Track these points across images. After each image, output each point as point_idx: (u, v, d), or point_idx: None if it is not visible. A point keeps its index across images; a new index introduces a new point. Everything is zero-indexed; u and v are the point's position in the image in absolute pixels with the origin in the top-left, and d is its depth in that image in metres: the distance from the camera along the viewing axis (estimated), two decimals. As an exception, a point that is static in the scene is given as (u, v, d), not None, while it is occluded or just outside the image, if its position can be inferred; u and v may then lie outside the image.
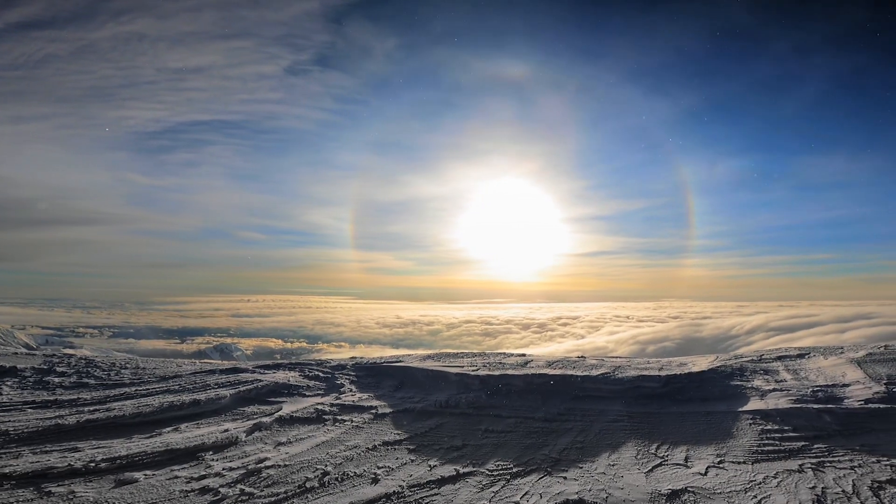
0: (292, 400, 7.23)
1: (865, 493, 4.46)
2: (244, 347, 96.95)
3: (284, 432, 6.02)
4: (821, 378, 7.72)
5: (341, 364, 9.39)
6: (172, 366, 9.05)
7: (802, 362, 8.74)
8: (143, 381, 7.65)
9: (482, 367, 8.55)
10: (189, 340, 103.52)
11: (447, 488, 4.74)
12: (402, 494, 4.56)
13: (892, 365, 8.07)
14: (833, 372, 7.95)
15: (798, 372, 8.17)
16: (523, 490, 4.72)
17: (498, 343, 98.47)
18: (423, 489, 4.69)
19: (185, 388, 7.29)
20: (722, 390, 7.54)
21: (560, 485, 4.83)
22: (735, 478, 4.91)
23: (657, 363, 9.03)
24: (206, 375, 8.02)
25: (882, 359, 8.44)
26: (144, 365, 8.86)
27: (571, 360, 9.14)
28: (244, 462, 5.07)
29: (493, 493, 4.65)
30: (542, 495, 4.60)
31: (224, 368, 8.59)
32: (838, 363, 8.32)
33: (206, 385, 7.42)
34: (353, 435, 6.08)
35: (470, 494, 4.63)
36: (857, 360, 8.36)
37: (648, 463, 5.35)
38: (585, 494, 4.58)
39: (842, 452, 5.41)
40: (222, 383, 7.55)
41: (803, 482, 4.74)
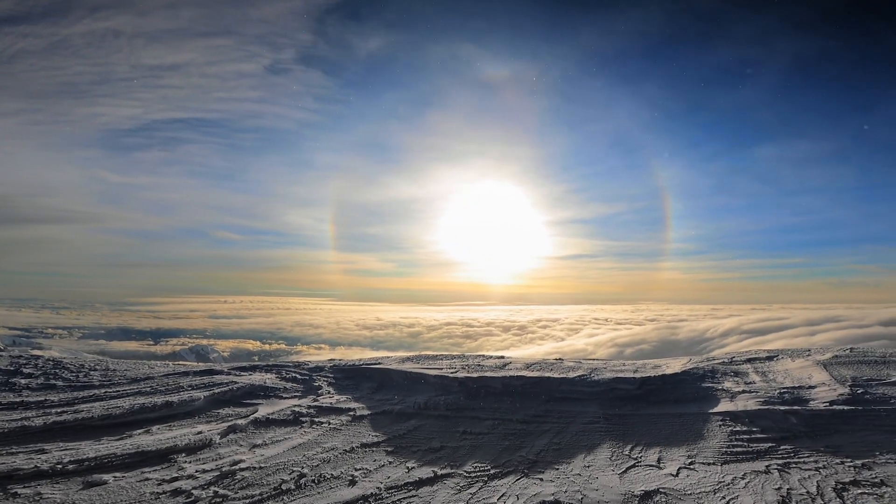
0: (269, 402, 7.14)
1: (829, 495, 4.54)
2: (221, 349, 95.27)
3: (260, 434, 5.94)
4: (788, 380, 7.95)
5: (319, 366, 9.31)
6: (144, 367, 8.84)
7: (771, 364, 9.00)
8: (113, 382, 7.46)
9: (461, 369, 8.58)
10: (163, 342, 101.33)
11: (425, 490, 4.74)
12: (379, 496, 4.55)
13: (856, 367, 8.37)
14: (800, 374, 8.20)
15: (767, 374, 8.40)
16: (500, 491, 4.75)
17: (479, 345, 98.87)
18: (400, 491, 4.69)
19: (156, 389, 7.13)
20: (694, 392, 7.72)
21: (536, 486, 4.87)
22: (705, 479, 5.00)
23: (632, 365, 9.19)
24: (180, 377, 7.86)
25: (847, 361, 8.74)
26: (115, 366, 8.63)
27: (549, 362, 9.24)
28: (218, 464, 4.99)
29: (470, 495, 4.66)
30: (518, 496, 4.63)
31: (198, 370, 8.43)
32: (805, 365, 8.58)
33: (179, 387, 7.27)
34: (331, 437, 6.03)
35: (447, 496, 4.63)
36: (823, 362, 8.64)
37: (622, 464, 5.43)
38: (561, 496, 4.62)
39: (807, 454, 5.54)
40: (196, 385, 7.41)
41: (770, 483, 4.83)
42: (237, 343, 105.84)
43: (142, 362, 9.66)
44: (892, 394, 7.06)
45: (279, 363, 9.56)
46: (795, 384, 7.66)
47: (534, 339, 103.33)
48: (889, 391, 7.15)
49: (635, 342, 77.08)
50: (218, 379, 7.86)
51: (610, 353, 69.23)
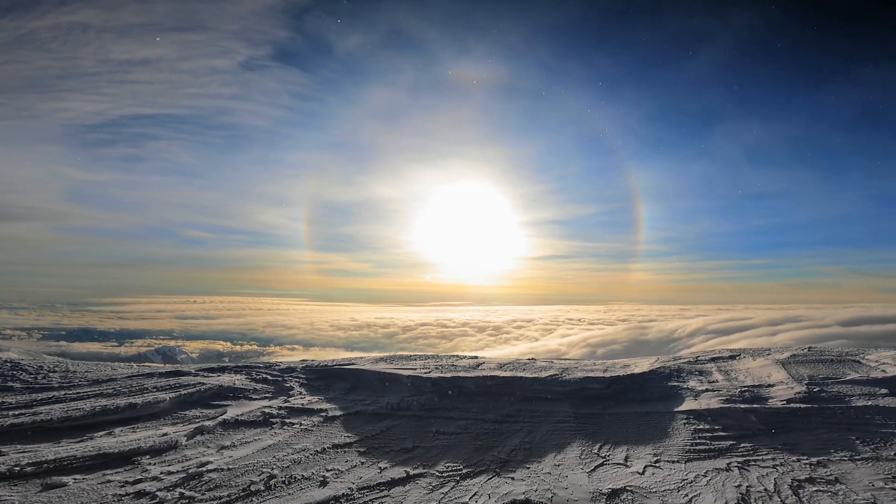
0: (238, 403, 7.00)
1: (786, 492, 4.67)
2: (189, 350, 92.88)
3: (229, 436, 5.82)
4: (749, 379, 8.25)
5: (291, 367, 9.18)
6: (107, 369, 8.54)
7: (733, 363, 9.33)
8: (74, 384, 7.18)
9: (434, 369, 8.60)
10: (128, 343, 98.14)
11: (397, 490, 4.74)
12: (351, 496, 4.52)
13: (813, 366, 8.76)
14: (760, 373, 8.53)
15: (729, 373, 8.71)
16: (472, 491, 4.78)
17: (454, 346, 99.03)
18: (372, 491, 4.67)
19: (119, 391, 6.90)
20: (660, 391, 7.93)
21: (508, 485, 4.92)
22: (669, 476, 5.13)
23: (602, 365, 9.39)
24: (144, 379, 7.62)
25: (804, 360, 9.14)
26: (75, 368, 8.31)
27: (522, 362, 9.35)
28: (184, 466, 4.87)
29: (442, 495, 4.69)
30: (490, 496, 4.67)
31: (163, 371, 8.19)
32: (765, 364, 8.93)
33: (144, 388, 7.05)
34: (302, 438, 5.96)
35: (420, 496, 4.64)
36: (782, 361, 9.01)
37: (591, 463, 5.53)
38: (532, 494, 4.69)
39: (765, 451, 5.72)
40: (161, 387, 7.20)
41: (730, 481, 4.97)
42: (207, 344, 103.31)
43: (104, 364, 9.34)
44: (847, 392, 7.41)
45: (249, 364, 9.38)
46: (756, 383, 7.96)
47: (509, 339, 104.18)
48: (844, 389, 7.50)
49: (607, 342, 78.56)
50: (185, 380, 7.65)
51: (583, 353, 70.34)
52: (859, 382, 7.78)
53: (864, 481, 4.83)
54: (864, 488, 4.68)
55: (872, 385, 7.64)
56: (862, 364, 8.86)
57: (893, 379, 7.81)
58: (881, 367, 8.61)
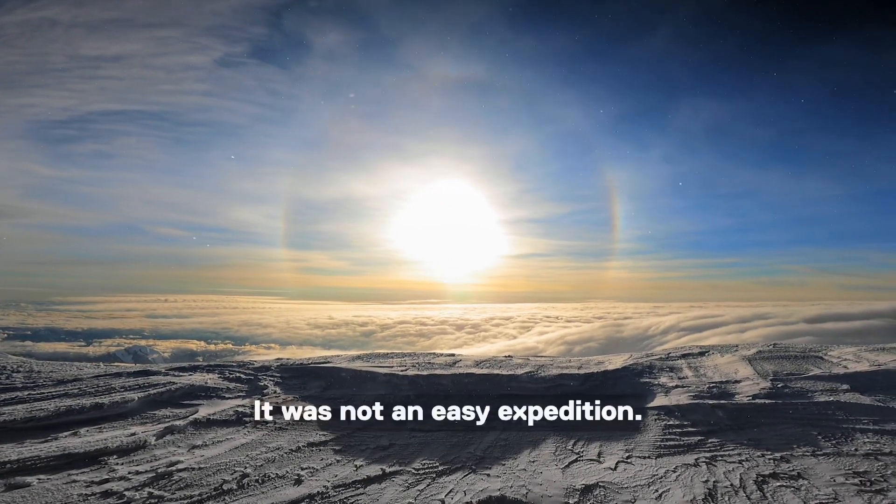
0: (210, 402, 6.88)
1: (751, 487, 4.77)
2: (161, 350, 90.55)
3: (200, 435, 5.72)
4: (717, 375, 8.48)
5: (265, 365, 9.05)
6: (72, 369, 8.28)
7: (703, 360, 9.58)
8: (38, 384, 6.94)
9: (411, 367, 8.60)
10: (96, 343, 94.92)
11: (373, 488, 4.74)
12: (326, 494, 4.51)
13: (778, 362, 9.04)
14: (727, 369, 8.78)
15: (698, 369, 8.93)
16: (448, 488, 4.81)
17: (432, 344, 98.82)
18: (348, 489, 4.66)
19: (85, 391, 6.69)
20: (633, 387, 8.09)
21: (483, 482, 4.96)
22: (640, 472, 5.23)
23: (577, 362, 9.53)
24: (112, 378, 7.41)
25: (770, 356, 9.43)
26: (40, 368, 8.03)
27: (498, 359, 9.43)
28: (153, 466, 4.79)
29: (418, 492, 4.70)
30: (465, 492, 4.70)
31: (132, 371, 7.98)
32: (732, 360, 9.20)
33: (111, 388, 6.86)
34: (276, 436, 5.90)
35: (395, 493, 4.65)
36: (749, 357, 9.29)
37: (565, 459, 5.61)
38: (507, 491, 4.74)
39: (732, 447, 5.85)
40: (130, 386, 7.01)
41: (698, 476, 5.07)
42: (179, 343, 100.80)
43: (70, 364, 9.05)
44: (810, 388, 7.66)
45: (222, 363, 9.22)
46: (723, 379, 8.18)
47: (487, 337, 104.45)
48: (806, 385, 7.76)
49: (583, 340, 79.35)
50: (154, 380, 7.48)
51: (560, 350, 70.91)
52: (822, 378, 8.05)
53: (826, 476, 4.95)
54: (825, 483, 4.80)
55: (834, 381, 7.90)
56: (824, 360, 9.18)
57: (854, 375, 8.09)
58: (843, 363, 8.93)
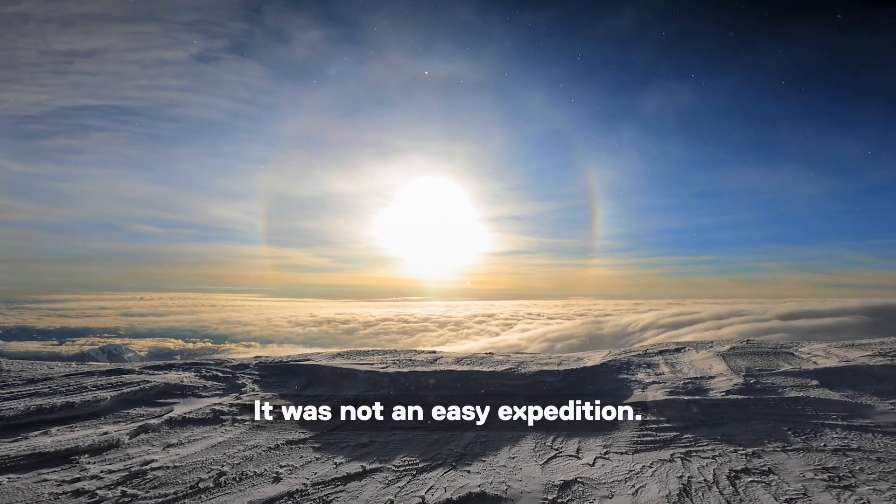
0: (186, 401, 6.76)
1: (724, 483, 4.85)
2: (137, 349, 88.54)
3: (175, 434, 5.62)
4: (692, 371, 8.66)
5: (244, 363, 8.94)
6: (43, 368, 8.06)
7: (679, 356, 9.77)
8: (7, 384, 6.74)
9: (392, 364, 8.59)
10: (69, 342, 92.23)
11: (353, 485, 4.71)
12: (305, 492, 4.47)
13: (750, 358, 9.27)
14: (702, 365, 8.97)
15: (675, 365, 9.11)
16: (428, 484, 4.81)
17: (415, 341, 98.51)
18: (327, 486, 4.63)
19: (56, 390, 6.52)
20: (611, 383, 8.21)
21: (464, 478, 4.97)
22: (618, 468, 5.29)
23: (557, 358, 9.63)
24: (83, 377, 7.24)
25: (743, 352, 9.67)
26: (9, 367, 7.81)
27: (479, 356, 9.47)
28: (126, 464, 4.70)
29: (398, 489, 4.69)
30: (446, 489, 4.71)
31: (104, 370, 7.80)
32: (707, 357, 9.40)
33: (82, 387, 6.70)
34: (254, 435, 5.83)
35: (376, 490, 4.63)
36: (723, 353, 9.51)
37: (545, 455, 5.66)
38: (487, 487, 4.75)
39: (705, 442, 5.96)
40: (102, 385, 6.85)
41: (673, 471, 5.15)
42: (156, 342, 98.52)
43: (41, 363, 8.80)
44: (780, 383, 7.88)
45: (199, 361, 9.07)
46: (698, 375, 8.35)
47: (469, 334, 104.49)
48: (777, 381, 7.97)
49: (565, 337, 79.88)
50: (127, 378, 7.32)
51: (542, 347, 71.26)
52: (792, 374, 8.28)
53: (796, 472, 5.06)
54: (795, 479, 4.90)
55: (804, 377, 8.14)
56: (795, 356, 9.45)
57: (824, 371, 8.34)
58: (813, 358, 9.20)
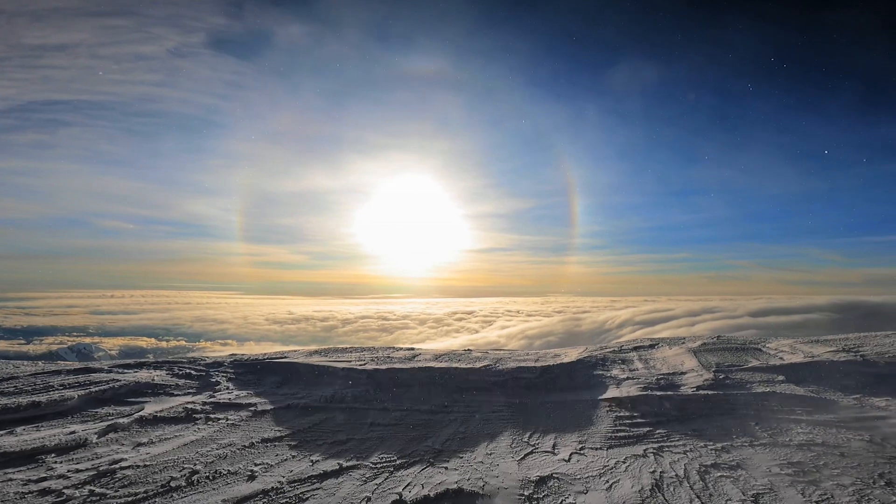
0: (157, 400, 6.61)
1: (694, 477, 4.94)
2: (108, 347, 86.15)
3: (146, 433, 5.49)
4: (665, 367, 8.84)
5: (218, 361, 8.77)
6: (8, 367, 7.78)
7: (653, 352, 9.96)
8: (-31, 383, 6.48)
9: (370, 361, 8.55)
10: (37, 341, 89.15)
11: (329, 482, 4.67)
12: (280, 490, 4.41)
13: (721, 354, 9.52)
14: (675, 361, 9.17)
15: (648, 361, 9.29)
16: (406, 481, 4.80)
17: (394, 338, 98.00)
18: (304, 484, 4.58)
19: (21, 389, 6.30)
20: (587, 379, 8.33)
21: (441, 475, 4.98)
22: (592, 463, 5.36)
23: (535, 355, 9.72)
24: (50, 376, 7.01)
25: (713, 348, 9.92)
26: (-29, 366, 7.51)
27: (458, 353, 9.50)
28: (95, 464, 4.59)
29: (375, 486, 4.67)
30: (423, 485, 4.70)
31: (72, 369, 7.56)
32: (679, 353, 9.62)
33: (49, 386, 6.49)
34: (228, 433, 5.73)
35: (353, 487, 4.60)
36: (694, 349, 9.75)
37: (521, 451, 5.70)
38: (464, 483, 4.76)
39: (677, 437, 6.08)
40: (69, 384, 6.65)
41: (646, 467, 5.23)
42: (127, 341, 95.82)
43: (6, 362, 8.50)
44: (749, 379, 8.10)
45: (172, 360, 8.87)
46: (670, 371, 8.53)
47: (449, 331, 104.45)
48: (745, 376, 8.20)
49: (543, 334, 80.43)
50: (96, 377, 7.11)
51: (521, 344, 71.57)
52: (759, 370, 8.52)
53: (763, 467, 5.18)
54: (762, 474, 5.01)
55: (771, 372, 8.39)
56: (763, 352, 9.73)
57: (789, 366, 8.61)
58: (779, 354, 9.49)
